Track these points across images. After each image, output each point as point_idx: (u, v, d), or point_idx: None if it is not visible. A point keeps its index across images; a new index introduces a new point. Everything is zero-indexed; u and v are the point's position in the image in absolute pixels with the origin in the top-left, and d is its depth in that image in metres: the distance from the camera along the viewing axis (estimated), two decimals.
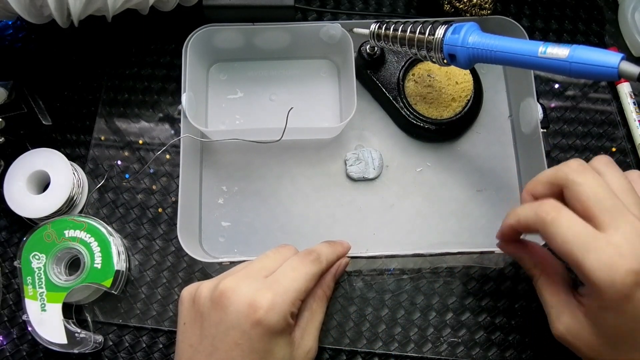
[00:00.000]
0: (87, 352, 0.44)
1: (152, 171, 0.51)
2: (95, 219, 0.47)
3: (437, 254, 0.46)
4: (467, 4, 0.49)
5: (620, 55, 0.34)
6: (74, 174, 0.48)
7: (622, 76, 0.33)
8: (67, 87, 0.53)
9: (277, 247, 0.41)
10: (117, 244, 0.46)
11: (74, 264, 0.47)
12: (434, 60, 0.43)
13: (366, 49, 0.50)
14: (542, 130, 0.46)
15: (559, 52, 0.35)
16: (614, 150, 0.51)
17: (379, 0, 0.56)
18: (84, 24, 0.47)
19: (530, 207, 0.35)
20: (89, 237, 0.45)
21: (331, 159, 0.50)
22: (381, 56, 0.50)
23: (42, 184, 0.49)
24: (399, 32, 0.44)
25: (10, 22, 0.54)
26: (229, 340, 0.35)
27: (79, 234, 0.45)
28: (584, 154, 0.51)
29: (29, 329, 0.44)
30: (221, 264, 0.46)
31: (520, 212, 0.36)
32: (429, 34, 0.42)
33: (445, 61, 0.42)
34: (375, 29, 0.45)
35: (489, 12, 0.50)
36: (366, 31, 0.46)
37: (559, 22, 0.55)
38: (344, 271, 0.45)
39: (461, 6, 0.50)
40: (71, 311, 0.46)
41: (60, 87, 0.53)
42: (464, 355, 0.45)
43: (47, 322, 0.44)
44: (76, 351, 0.44)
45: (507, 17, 0.49)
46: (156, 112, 0.52)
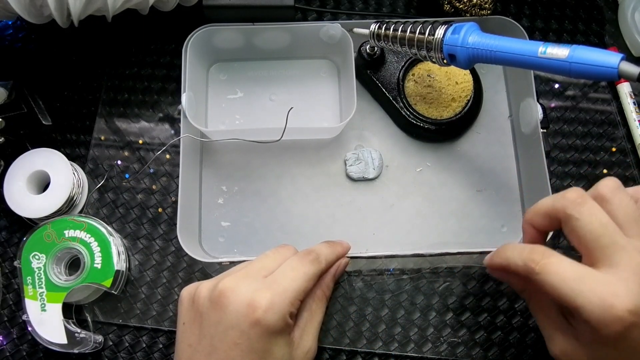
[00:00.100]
0: (87, 352, 0.44)
1: (152, 171, 0.51)
2: (95, 219, 0.47)
3: (437, 254, 0.46)
4: (467, 4, 0.49)
5: (620, 55, 0.34)
6: (74, 174, 0.48)
7: (622, 76, 0.33)
8: (67, 87, 0.53)
9: (277, 247, 0.41)
10: (117, 244, 0.46)
11: (74, 264, 0.47)
12: (433, 60, 0.43)
13: (366, 49, 0.50)
14: (542, 130, 0.46)
15: (558, 52, 0.35)
16: (614, 150, 0.51)
17: (379, 0, 0.56)
18: (84, 24, 0.47)
19: (519, 255, 0.34)
20: (89, 237, 0.45)
21: (331, 159, 0.50)
22: (381, 56, 0.50)
23: (42, 184, 0.49)
24: (399, 32, 0.43)
25: (10, 22, 0.54)
26: (228, 340, 0.35)
27: (79, 234, 0.46)
28: (584, 154, 0.51)
29: (29, 329, 0.44)
30: (221, 264, 0.46)
31: (510, 255, 0.35)
32: (429, 34, 0.42)
33: (445, 61, 0.42)
34: (375, 29, 0.45)
35: (489, 12, 0.50)
36: (366, 31, 0.46)
37: (559, 22, 0.55)
38: (344, 271, 0.45)
39: (461, 6, 0.50)
40: (71, 311, 0.46)
41: (60, 87, 0.53)
42: (464, 355, 0.45)
43: (47, 322, 0.44)
44: (76, 351, 0.44)
45: (507, 17, 0.49)
46: (156, 112, 0.52)
